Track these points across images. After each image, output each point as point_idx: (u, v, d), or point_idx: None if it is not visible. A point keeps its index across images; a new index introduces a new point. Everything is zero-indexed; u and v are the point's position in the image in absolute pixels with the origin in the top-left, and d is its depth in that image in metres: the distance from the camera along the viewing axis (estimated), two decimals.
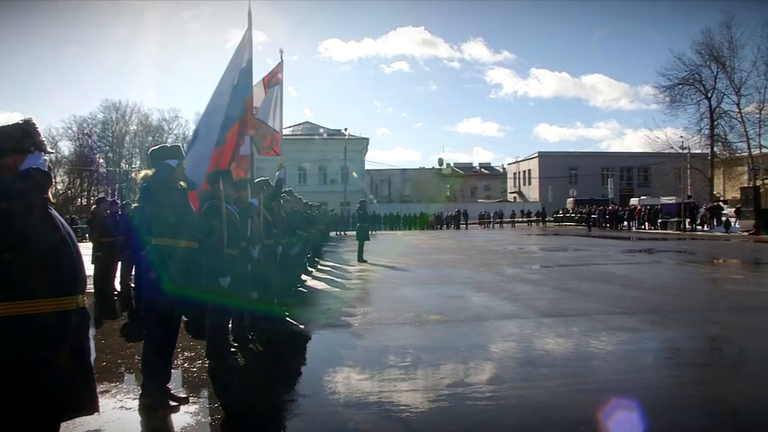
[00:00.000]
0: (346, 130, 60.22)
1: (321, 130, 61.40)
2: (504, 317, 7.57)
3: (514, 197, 73.04)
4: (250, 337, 6.18)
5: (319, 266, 15.05)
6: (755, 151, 47.73)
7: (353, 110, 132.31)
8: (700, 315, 7.77)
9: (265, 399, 4.48)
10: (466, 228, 50.85)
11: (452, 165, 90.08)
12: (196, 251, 4.38)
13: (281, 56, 8.70)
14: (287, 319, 7.39)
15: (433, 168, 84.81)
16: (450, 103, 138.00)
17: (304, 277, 11.82)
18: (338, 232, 38.84)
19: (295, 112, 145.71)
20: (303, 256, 12.55)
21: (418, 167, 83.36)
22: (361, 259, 16.20)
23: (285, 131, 59.74)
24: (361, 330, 6.97)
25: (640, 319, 7.28)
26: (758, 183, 41.10)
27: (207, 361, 5.23)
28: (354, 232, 18.08)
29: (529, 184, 69.58)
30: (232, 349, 5.59)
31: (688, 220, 35.81)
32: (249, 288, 5.78)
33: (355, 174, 56.61)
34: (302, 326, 7.13)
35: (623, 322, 7.02)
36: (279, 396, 4.52)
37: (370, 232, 18.23)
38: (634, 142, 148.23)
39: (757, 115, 47.01)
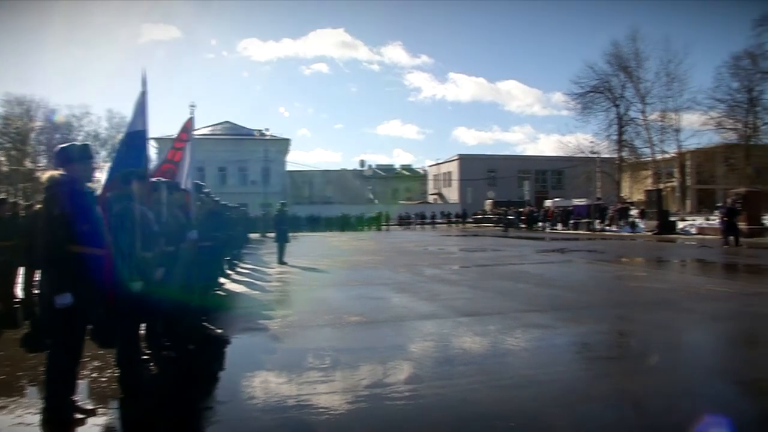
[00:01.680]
0: (267, 130, 59.41)
1: (242, 131, 60.32)
2: (423, 317, 7.68)
3: (435, 199, 74.23)
4: (163, 343, 5.98)
5: (237, 269, 14.77)
6: (658, 156, 50.76)
7: (274, 111, 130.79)
8: (608, 311, 8.15)
9: (179, 408, 4.35)
10: (387, 229, 51.22)
11: (373, 166, 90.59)
12: (106, 256, 4.19)
13: (192, 112, 8.38)
14: (204, 323, 7.20)
15: (355, 169, 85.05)
16: (370, 105, 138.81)
17: (222, 280, 11.56)
18: (258, 234, 38.19)
19: (214, 111, 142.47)
20: (221, 259, 12.27)
21: (339, 168, 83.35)
22: (281, 261, 16.02)
23: (204, 131, 58.20)
24: (280, 333, 6.90)
25: (553, 316, 7.57)
26: (661, 186, 43.66)
27: (117, 371, 5.02)
28: (274, 234, 17.82)
29: (449, 185, 70.90)
30: (145, 357, 5.39)
31: (597, 221, 37.55)
32: (162, 292, 5.59)
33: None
34: (219, 330, 6.97)
35: (537, 320, 7.28)
36: (194, 404, 4.40)
37: (290, 234, 18.05)
38: (547, 146, 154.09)
39: (660, 123, 50.04)
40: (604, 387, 4.62)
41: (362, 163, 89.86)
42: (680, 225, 32.95)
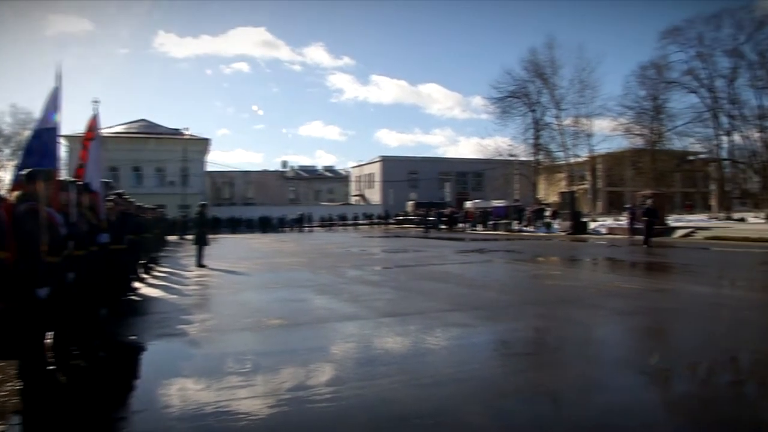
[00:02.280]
0: (186, 129, 57.76)
1: (159, 129, 58.34)
2: (345, 319, 7.68)
3: (357, 200, 74.39)
4: (72, 353, 5.70)
5: (153, 272, 14.28)
6: (572, 160, 52.93)
7: (193, 110, 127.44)
8: (524, 309, 8.41)
9: (90, 420, 4.16)
10: (310, 231, 50.93)
11: (296, 168, 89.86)
12: (9, 261, 3.96)
13: (96, 109, 8.03)
14: (116, 330, 6.93)
15: (277, 170, 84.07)
16: (292, 106, 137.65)
17: (136, 284, 11.16)
18: (176, 237, 37.03)
19: (129, 108, 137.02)
20: (135, 263, 11.84)
21: (260, 169, 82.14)
22: (200, 264, 15.62)
23: (119, 128, 55.82)
24: (198, 338, 6.72)
25: (472, 314, 7.75)
26: (574, 188, 45.52)
27: (19, 383, 4.74)
28: (193, 236, 17.34)
29: (372, 187, 71.23)
30: (51, 368, 5.12)
31: (515, 222, 38.74)
32: (70, 298, 5.33)
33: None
34: (133, 337, 6.72)
35: (456, 319, 7.42)
36: (107, 415, 4.22)
37: (210, 236, 17.62)
38: (467, 149, 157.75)
39: (574, 128, 52.28)
40: (521, 382, 4.77)
41: (284, 164, 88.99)
42: (592, 225, 34.52)
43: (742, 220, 34.55)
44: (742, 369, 5.36)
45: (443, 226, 44.15)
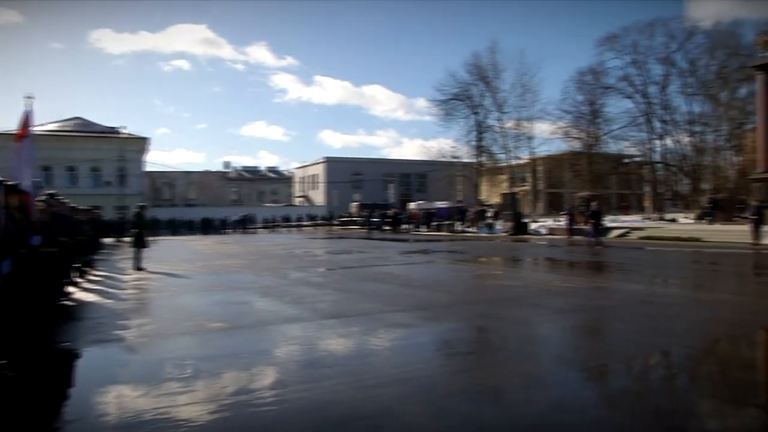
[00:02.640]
0: (123, 128, 56.11)
1: (95, 128, 56.45)
2: (288, 321, 7.62)
3: (301, 201, 73.96)
4: (0, 361, 5.46)
5: (88, 276, 13.82)
6: (513, 162, 54.05)
7: (130, 108, 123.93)
8: (467, 309, 8.52)
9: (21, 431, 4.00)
10: (253, 232, 50.29)
11: (238, 168, 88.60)
12: None
13: (29, 105, 7.70)
14: (48, 337, 6.67)
15: (219, 171, 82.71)
16: (234, 105, 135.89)
17: (70, 288, 10.78)
18: (113, 239, 35.88)
19: (63, 105, 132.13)
20: (69, 266, 11.43)
21: (202, 170, 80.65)
22: (138, 267, 15.19)
23: (52, 126, 53.75)
24: (135, 343, 6.53)
25: (415, 315, 7.81)
26: (516, 190, 46.50)
27: None
28: (131, 239, 16.85)
29: (316, 188, 70.93)
30: None
31: (458, 223, 39.26)
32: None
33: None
34: (67, 344, 6.49)
35: (399, 319, 7.47)
36: (38, 426, 4.05)
37: (149, 238, 17.17)
38: (410, 150, 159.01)
39: (515, 131, 53.46)
40: (463, 381, 4.84)
41: (227, 164, 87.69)
42: (533, 226, 35.33)
43: (673, 220, 36.02)
44: (674, 363, 5.59)
45: (387, 228, 44.33)
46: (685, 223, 32.77)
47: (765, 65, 27.94)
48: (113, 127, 56.51)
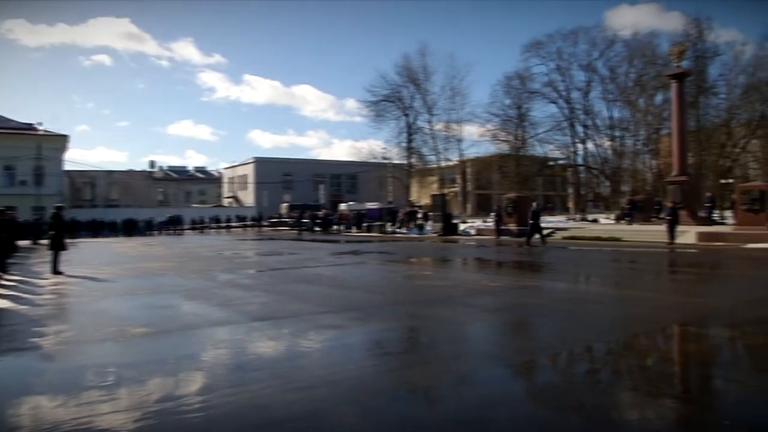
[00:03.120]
0: (40, 124, 53.49)
1: (9, 124, 53.52)
2: (215, 324, 7.46)
3: (230, 202, 72.65)
4: None
5: (2, 281, 13.10)
6: (443, 163, 54.90)
7: (48, 104, 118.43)
8: (396, 309, 8.59)
9: None
10: (180, 234, 49.00)
11: (165, 168, 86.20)
12: None
13: None
14: None
15: (144, 170, 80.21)
16: (159, 103, 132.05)
17: None
18: (29, 241, 34.08)
19: None
20: None
21: (125, 169, 78.02)
22: (56, 271, 14.51)
23: None
24: (53, 351, 6.23)
25: (345, 316, 7.80)
26: (445, 191, 47.23)
27: None
28: (48, 241, 16.08)
29: (245, 189, 69.84)
30: None
31: (389, 224, 39.51)
32: None
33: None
34: None
35: (330, 321, 7.44)
36: None
37: (67, 241, 16.43)
38: (341, 151, 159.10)
39: (445, 133, 54.33)
40: (393, 381, 4.87)
41: (152, 164, 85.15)
42: (462, 227, 35.98)
43: (595, 221, 37.52)
44: (597, 357, 5.83)
45: (317, 229, 44.16)
46: (606, 224, 34.18)
47: (678, 74, 29.47)
48: (29, 124, 53.83)
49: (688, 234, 22.97)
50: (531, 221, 23.36)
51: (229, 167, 76.59)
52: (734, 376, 4.98)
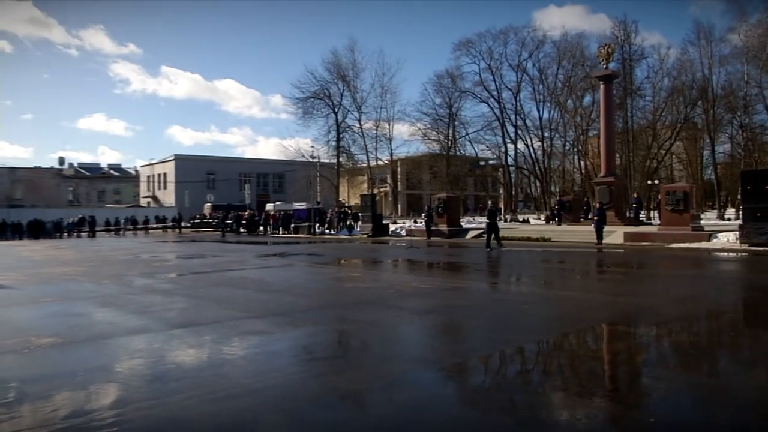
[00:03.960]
0: None
1: None
2: (131, 332, 7.18)
3: (148, 202, 70.55)
4: None
5: None
6: (372, 163, 55.07)
7: None
8: (325, 312, 8.55)
9: None
10: (93, 236, 47.17)
11: (75, 165, 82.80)
12: None
13: None
14: None
15: (52, 168, 76.76)
16: (68, 95, 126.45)
17: None
18: None
19: None
20: None
21: (31, 166, 74.40)
22: None
23: None
24: None
25: (271, 321, 7.70)
26: (375, 191, 47.47)
27: None
28: None
29: (165, 188, 67.97)
30: None
31: (317, 225, 39.33)
32: None
33: None
34: None
35: (255, 326, 7.33)
36: None
37: None
38: (267, 149, 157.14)
39: (375, 131, 54.52)
40: (322, 387, 4.83)
41: (61, 160, 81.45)
42: (392, 227, 36.22)
43: (526, 221, 38.57)
44: (526, 358, 5.97)
45: (243, 230, 43.51)
46: (536, 224, 35.20)
47: (606, 75, 30.69)
48: None
49: (616, 234, 23.94)
50: (488, 221, 22.65)
51: (146, 165, 74.32)
52: (661, 373, 5.20)
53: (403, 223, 39.84)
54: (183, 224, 54.35)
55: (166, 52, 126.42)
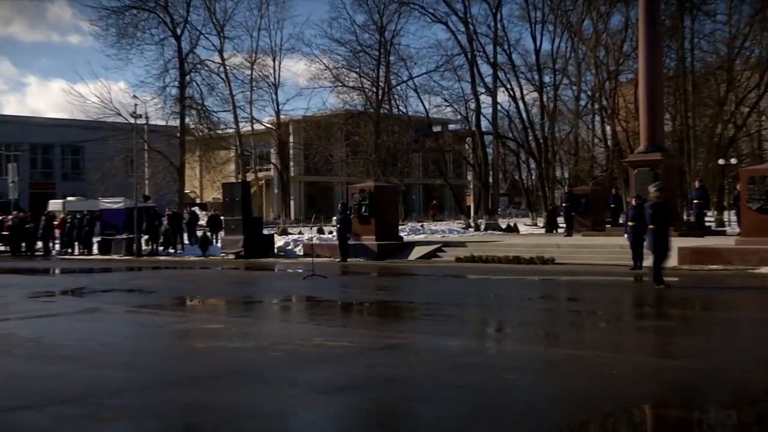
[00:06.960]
0: None
1: None
2: None
3: None
4: None
5: None
6: (244, 128, 53.86)
7: None
8: (160, 395, 8.37)
9: None
10: None
11: None
12: None
13: None
14: None
15: None
16: None
17: None
18: None
19: None
20: None
21: None
22: None
23: None
24: None
25: (59, 414, 7.46)
26: (249, 177, 47.14)
27: None
28: None
29: None
30: None
31: (145, 236, 38.67)
32: None
33: None
34: None
35: (29, 424, 7.10)
36: None
37: None
38: (48, 101, 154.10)
39: (248, 73, 53.69)
40: None
41: None
42: (280, 241, 36.10)
43: (512, 228, 39.35)
44: None
45: (2, 247, 42.57)
46: (529, 233, 35.91)
47: None
48: None
49: None
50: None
51: None
52: None
53: (299, 234, 39.71)
54: None
55: None
